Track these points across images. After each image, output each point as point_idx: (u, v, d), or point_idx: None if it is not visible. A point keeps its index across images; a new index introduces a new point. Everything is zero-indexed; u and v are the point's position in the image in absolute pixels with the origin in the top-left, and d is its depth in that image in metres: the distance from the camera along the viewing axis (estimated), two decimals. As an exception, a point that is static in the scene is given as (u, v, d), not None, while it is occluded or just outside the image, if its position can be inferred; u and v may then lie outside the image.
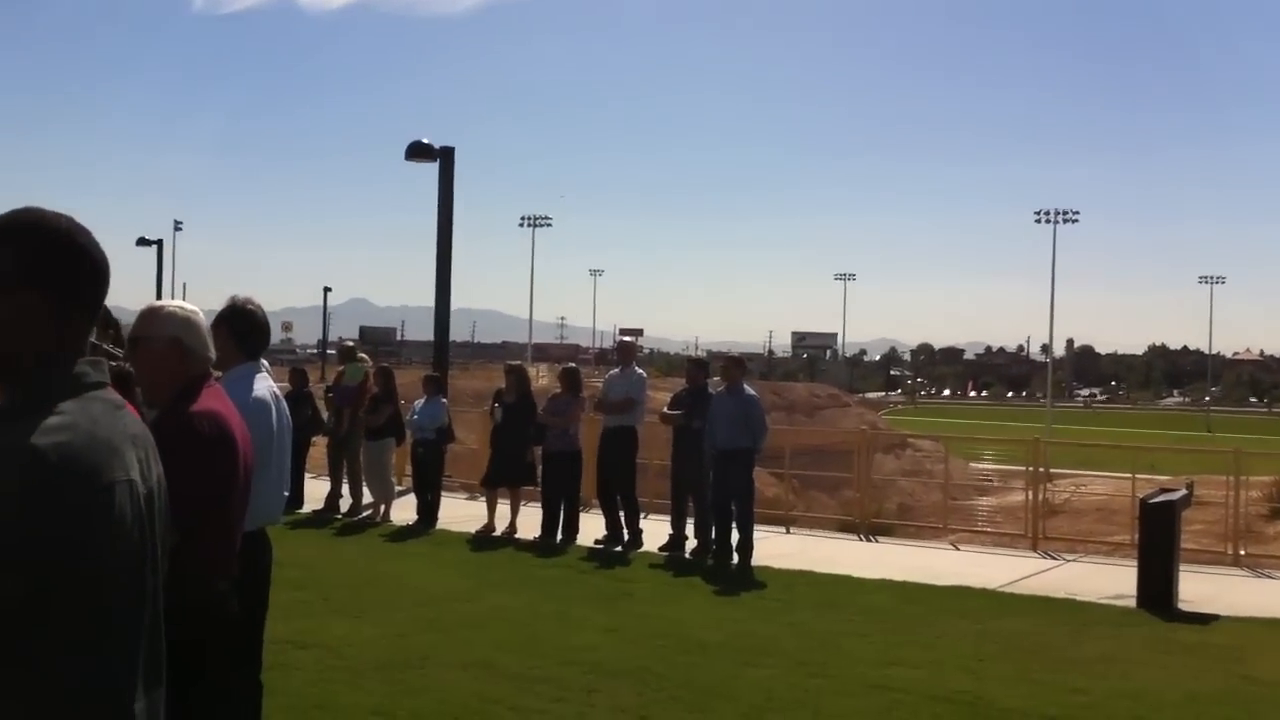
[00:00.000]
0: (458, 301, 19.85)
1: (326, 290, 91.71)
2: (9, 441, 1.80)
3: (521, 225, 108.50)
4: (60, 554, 1.80)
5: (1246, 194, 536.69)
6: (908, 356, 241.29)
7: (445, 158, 18.36)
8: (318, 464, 16.37)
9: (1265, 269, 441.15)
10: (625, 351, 14.36)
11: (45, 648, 1.81)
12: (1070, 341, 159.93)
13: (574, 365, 15.28)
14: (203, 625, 3.54)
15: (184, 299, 4.69)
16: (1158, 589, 10.23)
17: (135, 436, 2.00)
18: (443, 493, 14.67)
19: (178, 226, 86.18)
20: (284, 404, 4.73)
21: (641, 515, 13.23)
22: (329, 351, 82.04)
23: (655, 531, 12.83)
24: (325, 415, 15.37)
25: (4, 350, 1.95)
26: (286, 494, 5.05)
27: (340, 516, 14.51)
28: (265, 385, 4.58)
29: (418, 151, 18.33)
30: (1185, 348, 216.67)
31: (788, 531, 14.66)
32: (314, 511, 14.65)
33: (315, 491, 15.39)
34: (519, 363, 15.28)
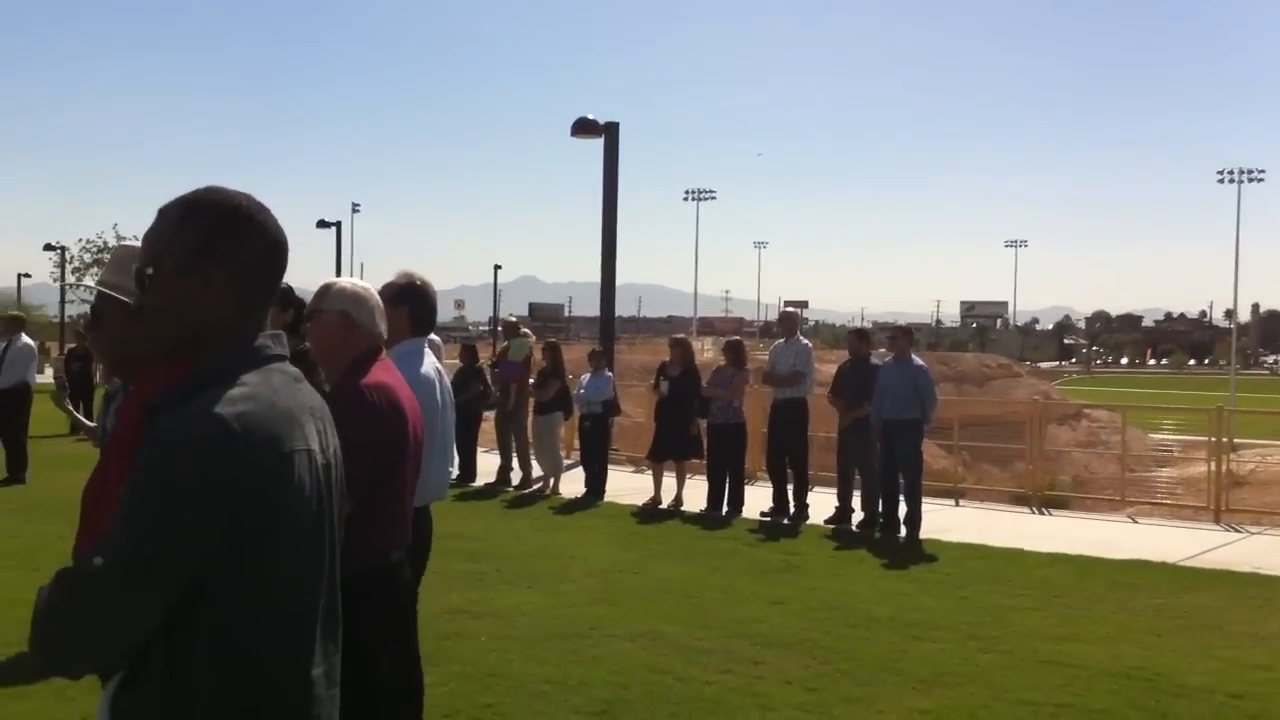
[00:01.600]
0: (623, 277, 20.01)
1: (497, 268, 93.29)
2: (196, 411, 1.87)
3: (686, 199, 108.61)
4: (244, 521, 1.87)
5: None
6: (1082, 324, 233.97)
7: (610, 133, 18.48)
8: (488, 439, 16.74)
9: None
10: (788, 322, 14.28)
11: (232, 614, 1.89)
12: (1256, 306, 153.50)
13: (738, 338, 15.26)
14: (378, 596, 3.67)
15: (361, 278, 4.82)
16: (1351, 564, 9.78)
17: (313, 408, 2.08)
18: (609, 466, 14.85)
19: (355, 209, 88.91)
20: (447, 381, 4.82)
21: (809, 488, 13.18)
22: (499, 328, 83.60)
23: (822, 504, 12.77)
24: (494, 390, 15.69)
25: (190, 325, 2.03)
26: (453, 470, 5.15)
27: (511, 489, 14.81)
28: (430, 362, 4.69)
29: (583, 128, 18.50)
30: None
31: (957, 504, 14.43)
32: (485, 485, 15.00)
33: (486, 466, 15.75)
34: (683, 336, 15.32)
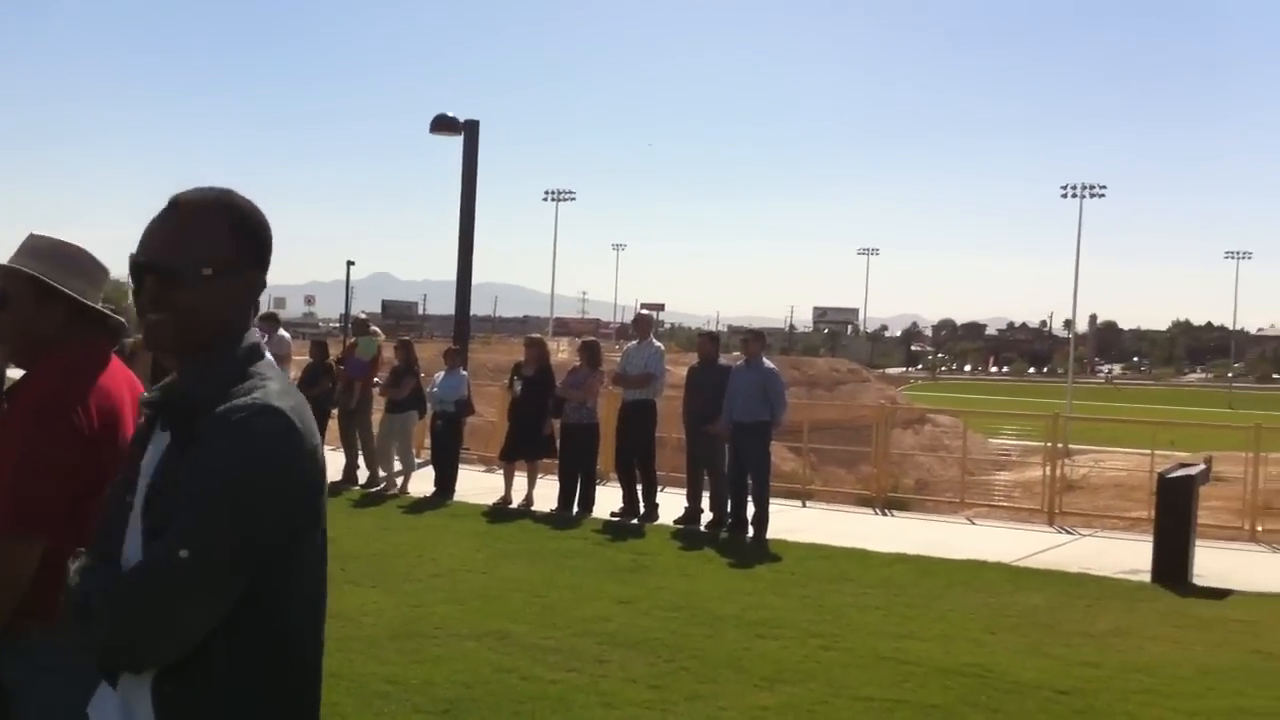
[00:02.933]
0: (480, 276, 19.90)
1: (349, 264, 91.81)
2: (258, 405, 1.97)
3: (545, 200, 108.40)
4: (304, 509, 2.02)
5: (1274, 168, 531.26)
6: (929, 332, 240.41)
7: (470, 131, 18.35)
8: (334, 436, 16.47)
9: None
10: (642, 324, 14.35)
11: (284, 599, 2.01)
12: (1093, 317, 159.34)
13: (593, 339, 15.30)
14: None
15: None
16: (1173, 564, 10.24)
17: None
18: (460, 465, 14.73)
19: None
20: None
21: (659, 489, 13.27)
22: (350, 325, 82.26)
23: (671, 505, 12.87)
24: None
25: (221, 324, 2.11)
26: None
27: (358, 488, 14.60)
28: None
29: (442, 125, 18.32)
30: (1209, 324, 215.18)
31: (804, 505, 14.68)
32: (331, 483, 14.74)
33: (332, 464, 15.50)
34: (538, 335, 15.30)
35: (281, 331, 15.73)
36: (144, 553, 1.95)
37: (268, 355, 2.15)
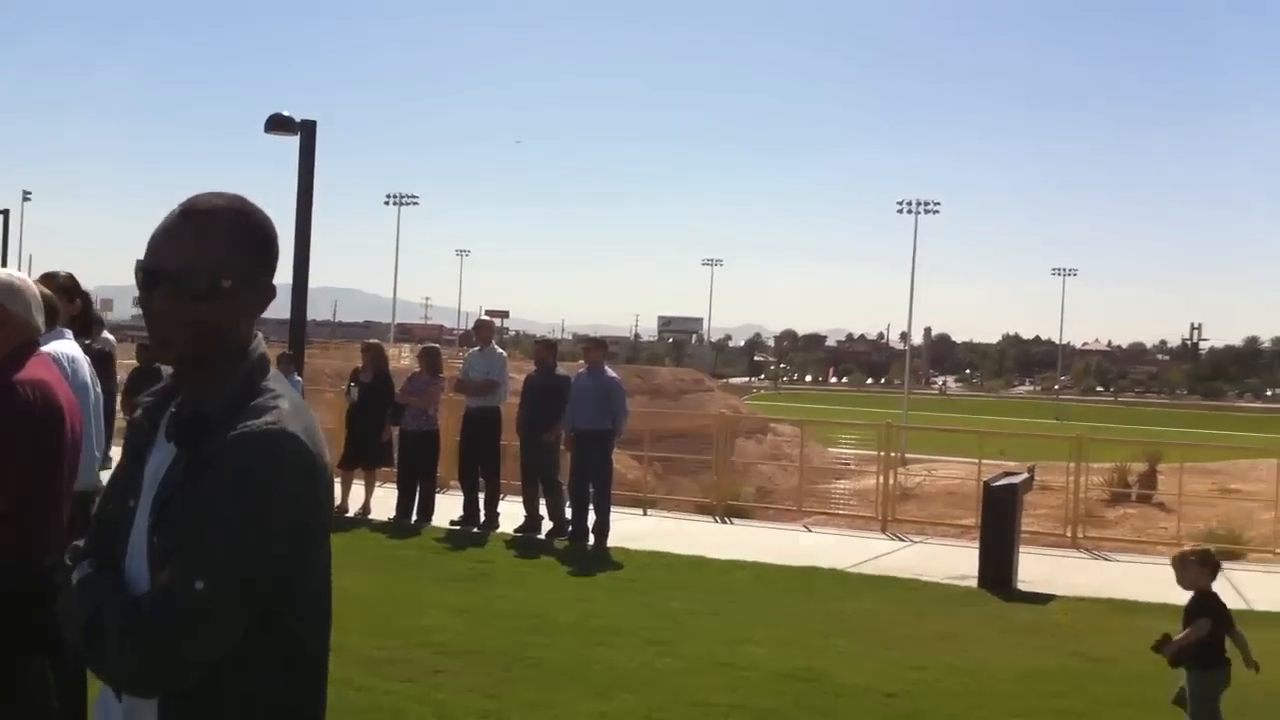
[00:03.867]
0: (319, 279, 19.54)
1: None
2: (272, 429, 1.92)
3: (387, 203, 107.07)
4: (318, 528, 2.04)
5: (1098, 189, 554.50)
6: (772, 342, 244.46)
7: (306, 131, 17.95)
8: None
9: (1115, 262, 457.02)
10: (483, 331, 14.24)
11: (298, 615, 2.02)
12: (928, 330, 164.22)
13: (434, 345, 15.15)
14: (34, 606, 3.44)
15: (29, 271, 4.64)
16: (998, 570, 10.58)
17: None
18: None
19: (26, 197, 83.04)
20: (90, 367, 4.70)
21: (501, 497, 13.20)
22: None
23: (513, 513, 12.82)
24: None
25: (241, 334, 2.07)
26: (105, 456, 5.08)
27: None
28: (76, 349, 4.58)
29: (278, 124, 17.88)
30: (1037, 337, 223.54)
31: (645, 514, 14.77)
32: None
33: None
34: (375, 341, 15.10)
35: (106, 334, 15.19)
36: (154, 578, 1.91)
37: (274, 368, 2.10)
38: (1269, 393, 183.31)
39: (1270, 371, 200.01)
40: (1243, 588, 11.41)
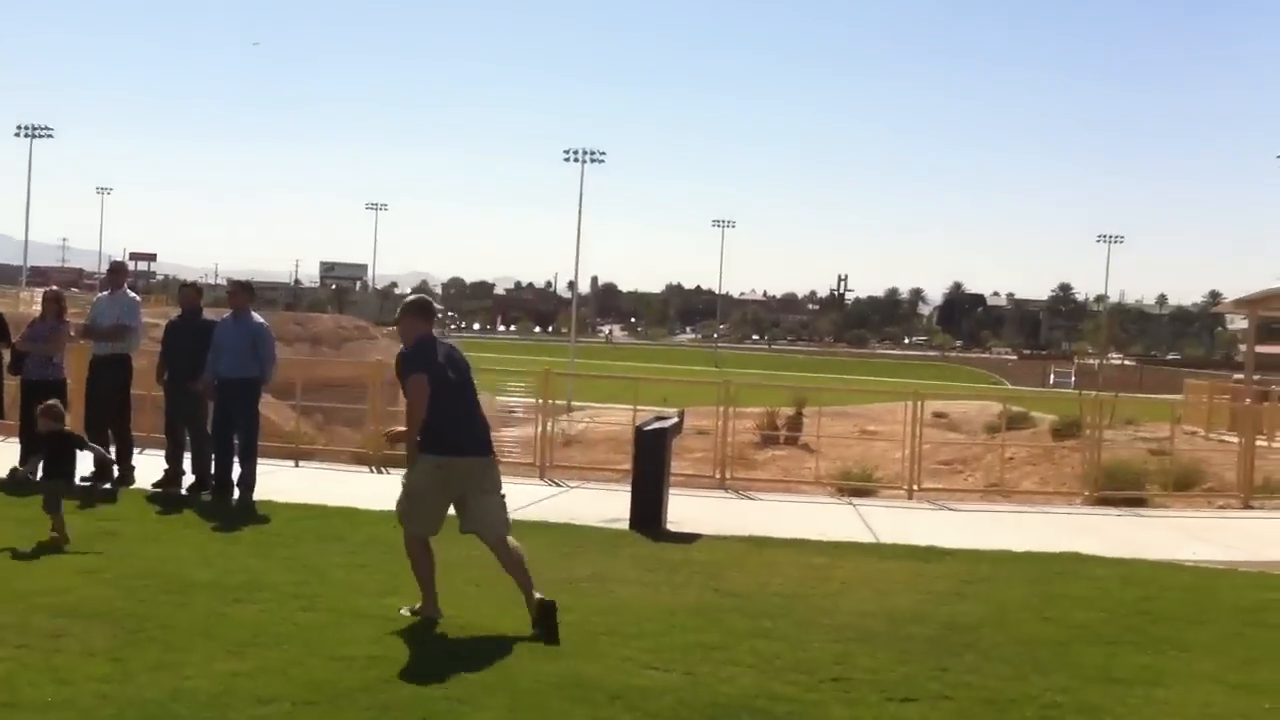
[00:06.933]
0: (-70, 216, 17.80)
1: None
2: None
3: (18, 135, 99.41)
4: None
5: (754, 142, 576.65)
6: (439, 290, 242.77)
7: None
8: None
9: (770, 215, 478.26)
10: (116, 274, 13.30)
11: None
12: (595, 279, 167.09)
13: (57, 289, 14.01)
14: None
15: None
16: (648, 511, 10.85)
17: None
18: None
19: None
20: None
21: (136, 450, 12.43)
22: None
23: (151, 467, 12.11)
24: None
25: None
26: None
27: None
28: None
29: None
30: (699, 287, 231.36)
31: (297, 465, 14.31)
32: None
33: None
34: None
35: None
36: None
37: None
38: (906, 340, 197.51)
39: (907, 321, 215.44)
40: (870, 520, 12.19)
